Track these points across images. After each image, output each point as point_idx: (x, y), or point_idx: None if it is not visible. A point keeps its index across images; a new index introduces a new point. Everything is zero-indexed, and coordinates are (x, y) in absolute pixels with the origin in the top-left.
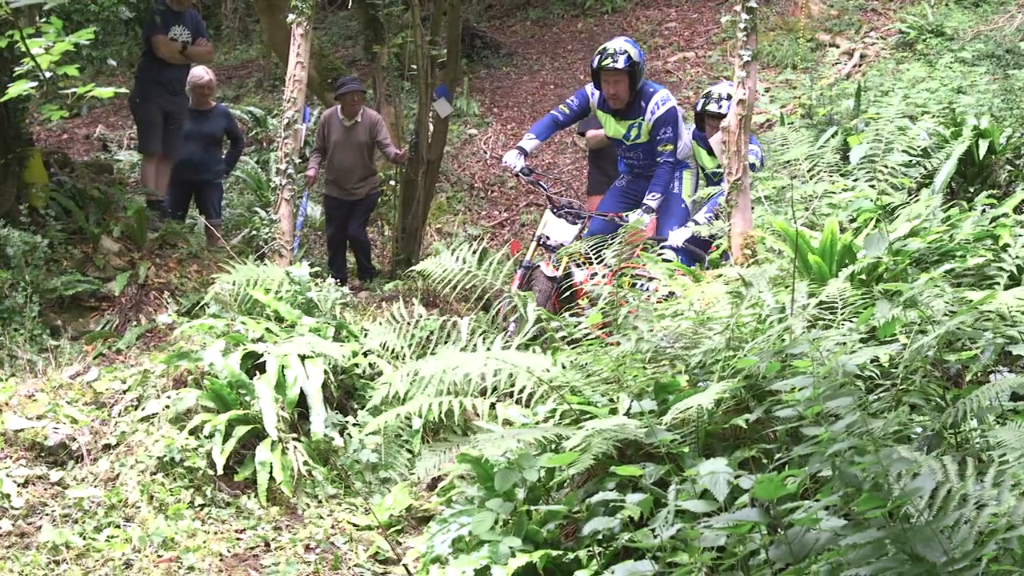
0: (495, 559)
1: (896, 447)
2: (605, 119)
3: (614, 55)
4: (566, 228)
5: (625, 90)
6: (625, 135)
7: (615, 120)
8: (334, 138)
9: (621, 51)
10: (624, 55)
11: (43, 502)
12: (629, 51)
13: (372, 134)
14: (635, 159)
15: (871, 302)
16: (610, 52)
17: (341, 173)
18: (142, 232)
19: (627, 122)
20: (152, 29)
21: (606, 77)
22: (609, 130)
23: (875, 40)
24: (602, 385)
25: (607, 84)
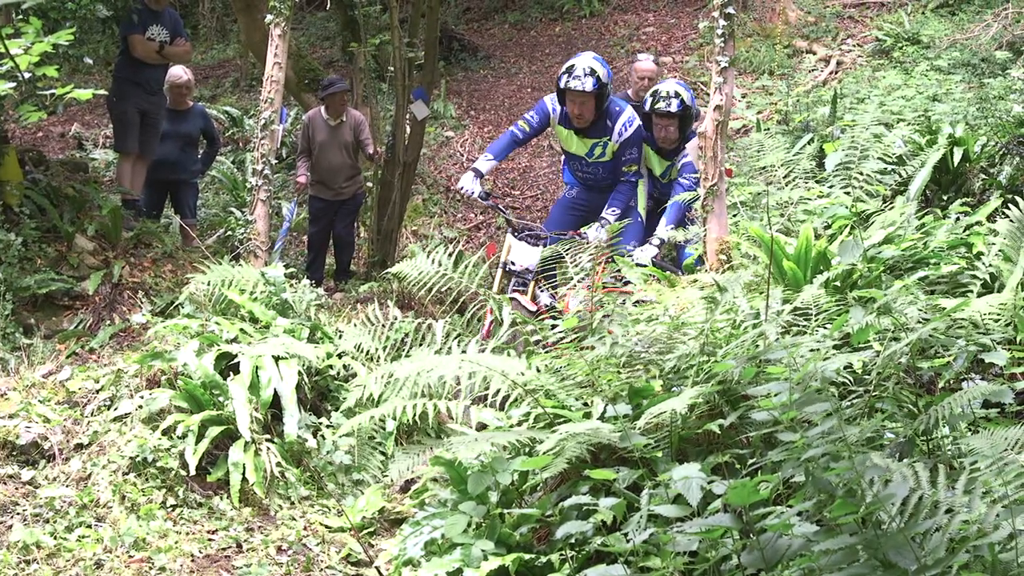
0: (468, 562)
1: (870, 454)
2: (566, 135)
3: (582, 76)
4: (529, 251)
5: (591, 111)
6: (588, 153)
7: (577, 137)
8: (319, 139)
9: (589, 71)
10: (592, 77)
11: (14, 501)
12: (597, 71)
13: (357, 133)
14: (592, 175)
15: (845, 309)
16: (577, 73)
17: (328, 173)
18: (117, 231)
19: (591, 140)
20: (129, 28)
21: (572, 98)
22: (570, 146)
23: (852, 47)
24: (576, 389)
25: (572, 104)
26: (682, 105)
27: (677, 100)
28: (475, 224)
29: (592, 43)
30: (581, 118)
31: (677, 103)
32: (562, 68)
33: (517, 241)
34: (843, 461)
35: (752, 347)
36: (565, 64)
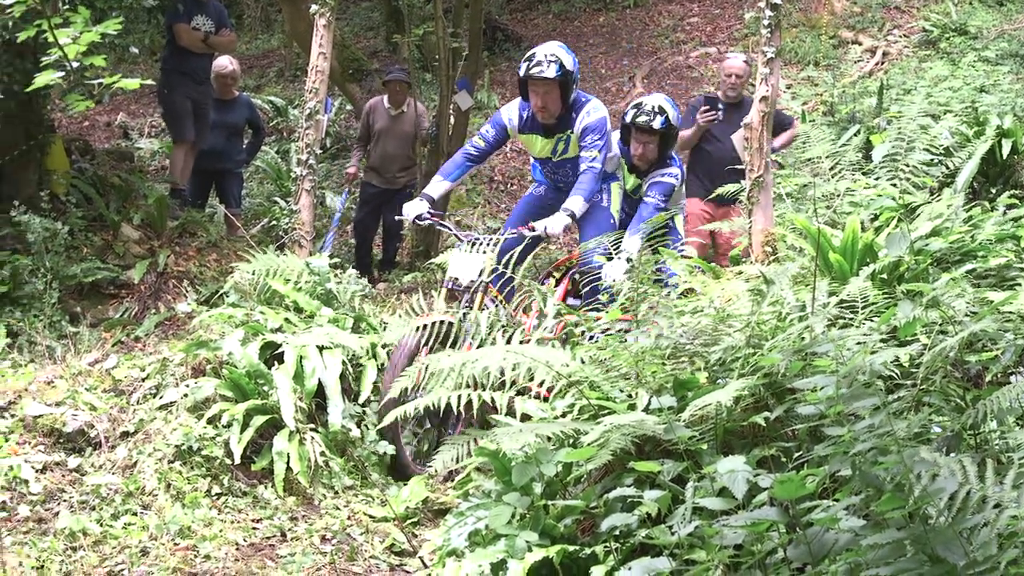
0: (512, 553)
1: (917, 448)
2: (530, 140)
3: (543, 62)
4: (473, 261)
5: (556, 101)
6: (552, 150)
7: (542, 138)
8: (379, 126)
9: (552, 58)
10: (556, 63)
11: (61, 488)
12: (562, 58)
13: (417, 125)
14: (561, 175)
15: (892, 302)
16: (539, 59)
17: (383, 161)
18: (162, 220)
19: (555, 137)
20: (174, 17)
21: (534, 87)
22: (535, 149)
23: (898, 38)
24: (621, 381)
25: (535, 95)
26: (666, 123)
27: (662, 117)
28: None
29: (636, 33)
30: (545, 111)
31: (661, 120)
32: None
33: (458, 253)
34: (891, 455)
35: (798, 340)
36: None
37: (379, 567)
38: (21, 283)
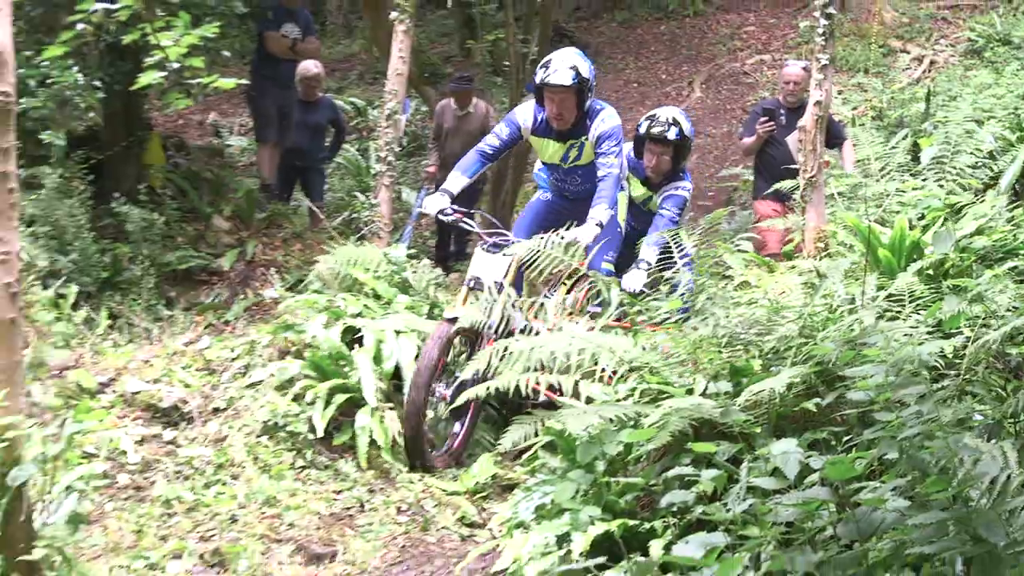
0: (575, 526)
1: (961, 434)
2: (542, 144)
3: (559, 70)
4: (497, 262)
5: (571, 109)
6: (563, 157)
7: (553, 142)
8: (447, 126)
9: (569, 65)
10: (572, 70)
11: (157, 459)
12: (578, 65)
13: (483, 123)
14: (569, 183)
15: (938, 296)
16: (555, 66)
17: (452, 159)
18: (251, 212)
19: (568, 143)
20: (265, 25)
21: (550, 94)
22: (545, 154)
23: (944, 47)
24: (679, 367)
25: (551, 103)
26: (680, 135)
27: (676, 128)
28: None
29: (695, 41)
30: (560, 118)
31: (676, 131)
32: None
33: (482, 252)
34: (936, 440)
35: (849, 331)
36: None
37: (450, 537)
38: (121, 269)
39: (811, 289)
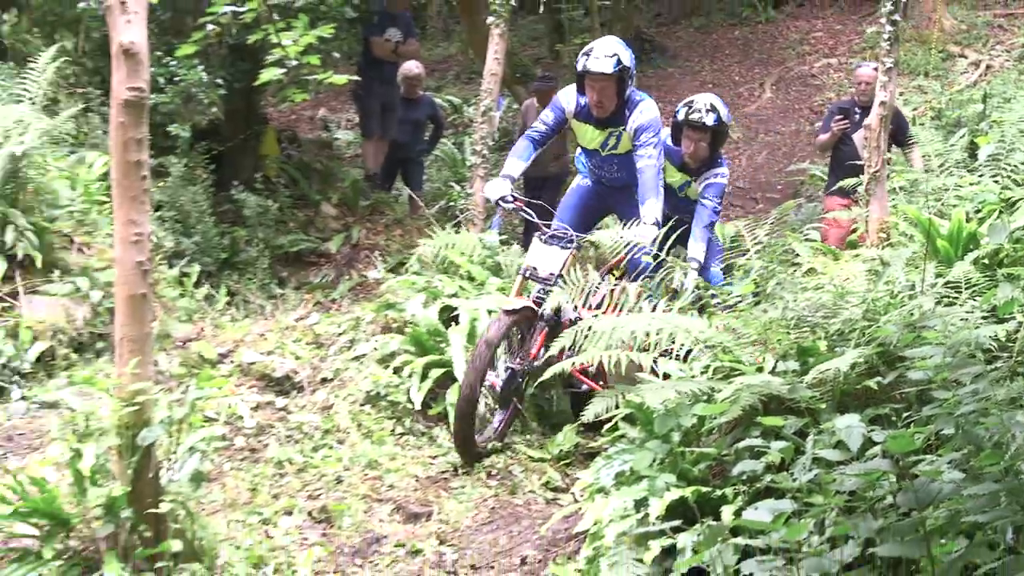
0: (652, 492)
1: (1014, 412)
2: (582, 129)
3: (601, 58)
4: (556, 254)
5: (611, 97)
6: (602, 144)
7: (592, 128)
8: (530, 123)
9: (610, 53)
10: (613, 58)
11: (270, 424)
12: (619, 53)
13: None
14: (606, 171)
15: (993, 284)
16: (597, 55)
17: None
18: (356, 200)
19: (607, 131)
20: (370, 30)
21: (591, 82)
22: (584, 139)
23: (1000, 53)
24: (750, 346)
25: (591, 90)
26: (718, 120)
27: (714, 114)
28: None
29: (766, 46)
30: (600, 106)
31: (713, 117)
32: (583, 52)
33: (542, 244)
34: (990, 417)
35: (909, 315)
36: (585, 49)
37: (536, 501)
38: (238, 251)
39: (874, 276)
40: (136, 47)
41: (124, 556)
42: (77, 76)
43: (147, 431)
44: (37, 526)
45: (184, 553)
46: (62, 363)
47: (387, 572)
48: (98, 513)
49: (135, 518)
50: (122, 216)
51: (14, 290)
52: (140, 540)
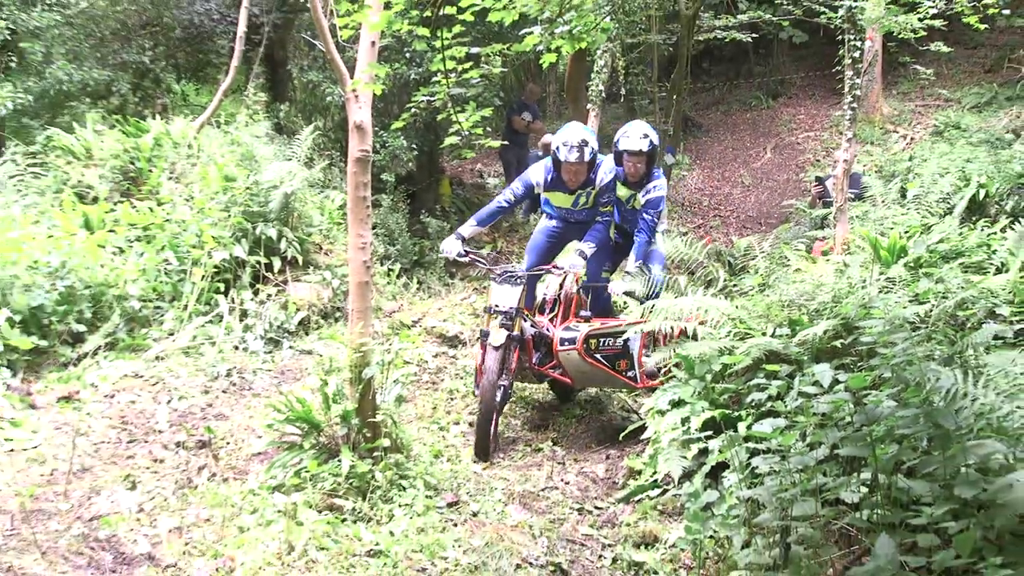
0: (693, 413)
1: (929, 363)
2: (554, 195)
3: (579, 147)
4: (510, 292)
5: (584, 174)
6: (574, 203)
7: (562, 194)
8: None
9: (585, 143)
10: (587, 147)
11: (444, 366)
12: (589, 141)
13: None
14: (577, 216)
15: (915, 279)
16: (576, 145)
17: None
18: (499, 223)
19: (576, 193)
20: (511, 112)
21: (567, 167)
22: (556, 201)
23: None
24: (758, 319)
25: (568, 172)
26: (651, 144)
27: (647, 140)
28: (698, 224)
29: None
30: (574, 181)
31: (647, 142)
32: (558, 140)
33: (498, 285)
34: (913, 366)
35: (862, 299)
36: (560, 139)
37: (616, 418)
38: (424, 255)
39: (839, 274)
40: (364, 124)
41: (353, 448)
42: (325, 143)
43: (368, 369)
44: (299, 428)
45: (391, 447)
46: (314, 326)
47: (520, 461)
48: (337, 420)
49: (360, 424)
50: (353, 231)
51: (285, 279)
52: (363, 438)
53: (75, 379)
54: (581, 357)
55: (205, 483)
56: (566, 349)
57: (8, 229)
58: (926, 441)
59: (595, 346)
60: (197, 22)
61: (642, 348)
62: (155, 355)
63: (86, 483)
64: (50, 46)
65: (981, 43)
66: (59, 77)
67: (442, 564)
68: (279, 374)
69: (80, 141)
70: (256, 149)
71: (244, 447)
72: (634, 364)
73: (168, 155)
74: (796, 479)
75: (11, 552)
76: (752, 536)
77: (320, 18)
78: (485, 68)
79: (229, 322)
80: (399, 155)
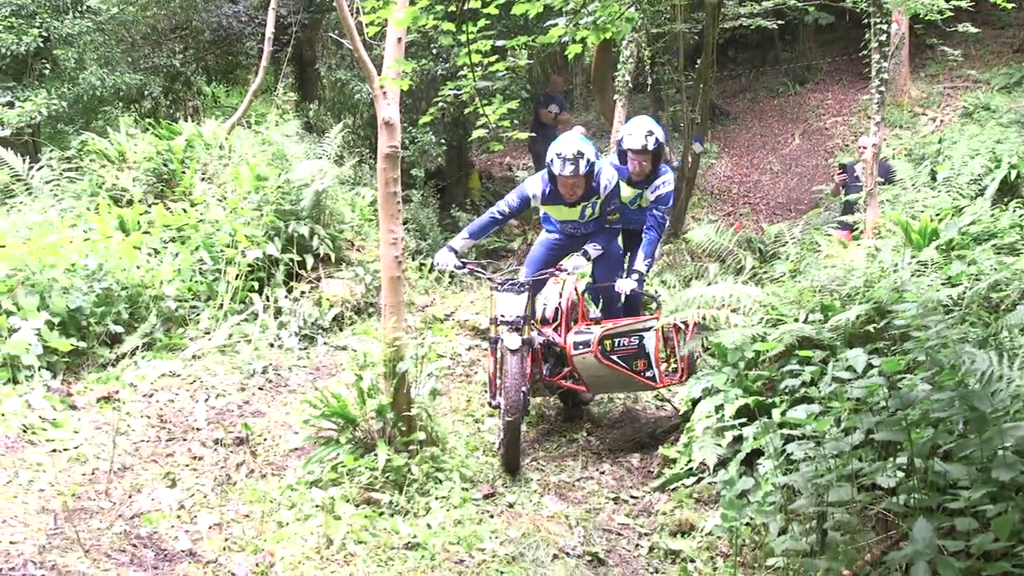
0: (727, 400)
1: (964, 345)
2: (554, 209)
3: (574, 160)
4: (515, 300)
5: (583, 187)
6: (580, 215)
7: (564, 207)
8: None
9: (580, 155)
10: (583, 159)
11: (478, 359)
12: (585, 152)
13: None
14: (583, 229)
15: (948, 262)
16: (570, 158)
17: None
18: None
19: (580, 205)
20: (538, 105)
21: (563, 181)
22: (558, 215)
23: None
24: (790, 305)
25: (564, 186)
26: (657, 142)
27: (652, 137)
28: (727, 212)
29: (795, 110)
30: (573, 195)
31: (653, 140)
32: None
33: (501, 294)
34: (947, 349)
35: (894, 283)
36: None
37: (650, 407)
38: None
39: (871, 258)
40: (393, 120)
41: (389, 442)
42: (355, 141)
43: (402, 363)
44: (335, 423)
45: (426, 440)
46: (348, 321)
47: (555, 452)
48: (372, 415)
49: (395, 418)
50: (385, 227)
51: (318, 276)
52: (399, 432)
53: (114, 379)
54: (597, 360)
55: (243, 479)
56: (581, 353)
57: (46, 233)
58: (962, 424)
59: (611, 347)
60: (226, 25)
61: (658, 346)
62: (192, 354)
63: (127, 481)
64: (83, 52)
65: (1009, 23)
66: (92, 83)
67: (479, 555)
68: (314, 370)
69: (114, 145)
70: (287, 148)
71: (281, 443)
72: (652, 363)
73: (200, 156)
74: (831, 465)
75: (55, 551)
76: (788, 523)
77: (347, 16)
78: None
79: (264, 320)
80: (428, 150)
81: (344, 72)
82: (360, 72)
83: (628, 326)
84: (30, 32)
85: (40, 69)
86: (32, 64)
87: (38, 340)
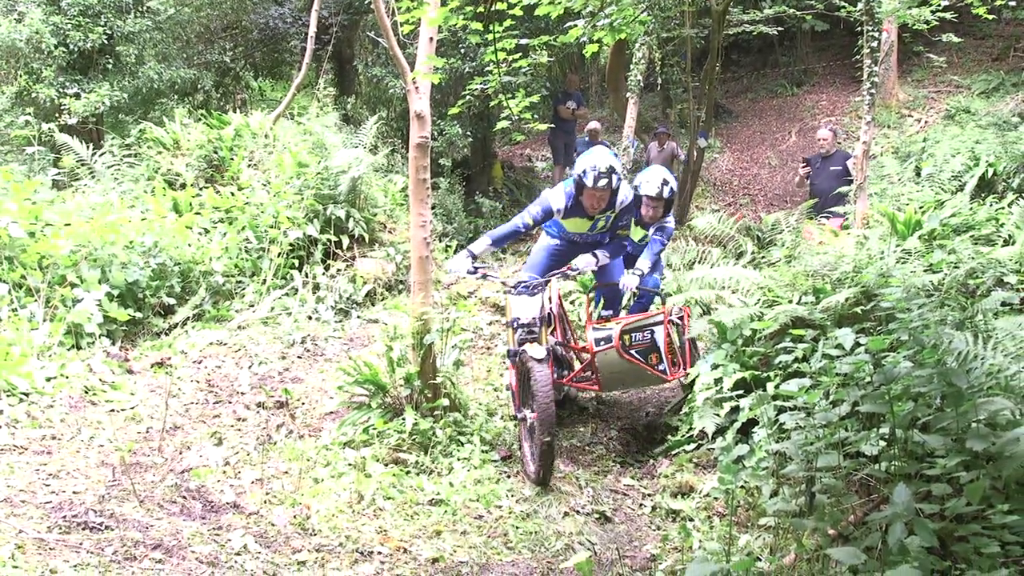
0: (726, 373)
1: (943, 326)
2: (572, 222)
3: (607, 174)
4: (529, 303)
5: (606, 200)
6: (591, 227)
7: (580, 219)
8: (651, 157)
9: (612, 170)
10: (615, 174)
11: (497, 333)
12: (615, 166)
13: (673, 154)
14: (583, 238)
15: (930, 250)
16: (603, 171)
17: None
18: None
19: (594, 219)
20: (556, 101)
21: (591, 193)
22: (573, 227)
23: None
24: (785, 287)
25: (592, 198)
26: (670, 191)
27: (668, 187)
28: (729, 202)
29: (792, 109)
30: (596, 208)
31: (668, 189)
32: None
33: (515, 297)
34: (928, 330)
35: (880, 269)
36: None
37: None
38: (479, 233)
39: (859, 246)
40: (424, 113)
41: (416, 407)
42: (388, 132)
43: (429, 336)
44: (367, 389)
45: (450, 406)
46: (379, 297)
47: (567, 419)
48: (401, 382)
49: (422, 386)
50: (415, 211)
51: (353, 255)
52: (425, 398)
53: (167, 347)
54: (620, 355)
55: (283, 439)
56: (603, 349)
57: (107, 213)
58: (940, 399)
59: (629, 342)
60: (272, 25)
61: (667, 340)
62: (237, 325)
63: (178, 439)
64: (142, 49)
65: (989, 34)
66: (150, 76)
67: (497, 512)
68: (348, 341)
69: (169, 133)
70: (326, 138)
71: (318, 407)
72: (663, 357)
73: (247, 145)
74: (820, 434)
75: (113, 501)
76: (780, 486)
77: (383, 18)
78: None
79: (303, 294)
80: (455, 141)
81: (379, 69)
82: (394, 69)
83: (639, 321)
84: (95, 30)
85: (104, 64)
86: (97, 59)
87: (99, 310)
